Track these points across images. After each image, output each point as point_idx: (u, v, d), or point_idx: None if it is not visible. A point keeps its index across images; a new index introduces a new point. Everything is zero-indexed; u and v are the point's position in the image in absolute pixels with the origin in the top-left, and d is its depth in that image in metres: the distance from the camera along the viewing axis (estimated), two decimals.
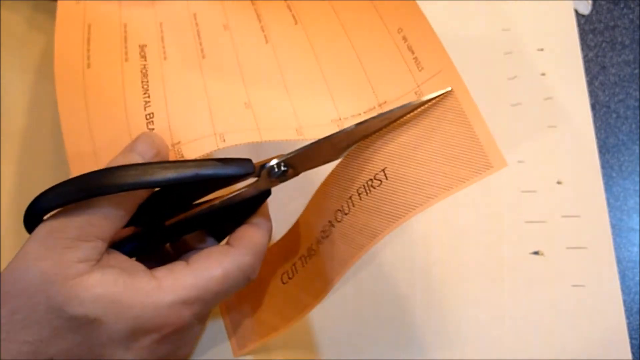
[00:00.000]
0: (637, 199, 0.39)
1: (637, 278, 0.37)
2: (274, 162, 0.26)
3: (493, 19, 0.44)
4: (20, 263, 0.22)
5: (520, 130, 0.40)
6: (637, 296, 0.37)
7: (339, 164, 0.30)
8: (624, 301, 0.36)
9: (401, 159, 0.27)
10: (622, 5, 0.44)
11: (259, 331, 0.33)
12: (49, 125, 0.40)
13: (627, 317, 0.36)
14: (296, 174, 0.27)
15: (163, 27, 0.33)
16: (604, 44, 0.43)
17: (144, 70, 0.31)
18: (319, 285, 0.30)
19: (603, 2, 0.44)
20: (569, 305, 0.36)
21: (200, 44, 0.32)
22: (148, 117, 0.29)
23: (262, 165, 0.26)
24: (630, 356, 0.35)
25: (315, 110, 0.30)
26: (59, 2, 0.33)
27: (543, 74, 0.42)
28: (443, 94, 0.27)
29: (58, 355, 0.22)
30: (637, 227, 0.38)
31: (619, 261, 0.37)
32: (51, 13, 0.41)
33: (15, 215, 0.38)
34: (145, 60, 0.32)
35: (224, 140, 0.27)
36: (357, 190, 0.29)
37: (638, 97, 0.42)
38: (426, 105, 0.27)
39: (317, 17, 0.33)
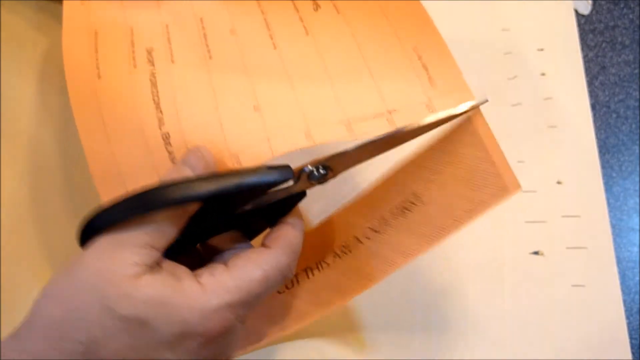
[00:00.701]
0: (637, 199, 0.39)
1: (637, 278, 0.37)
2: (311, 166, 0.27)
3: (493, 19, 0.44)
4: (78, 264, 0.23)
5: (520, 130, 0.40)
6: (637, 296, 0.37)
7: (372, 186, 0.31)
8: (624, 301, 0.36)
9: (429, 183, 0.29)
10: (622, 5, 0.44)
11: (248, 339, 0.33)
12: (49, 126, 0.40)
13: (627, 317, 0.36)
14: (334, 175, 0.28)
15: (169, 29, 0.33)
16: (604, 44, 0.43)
17: (152, 79, 0.31)
18: (325, 297, 0.31)
19: (603, 2, 0.44)
20: (569, 305, 0.36)
21: (207, 45, 0.33)
22: (165, 137, 0.29)
23: (301, 170, 0.27)
24: (630, 356, 0.35)
25: (324, 112, 0.30)
26: (64, 7, 0.33)
27: (543, 74, 0.42)
28: (463, 117, 0.28)
29: (108, 356, 0.22)
30: (637, 227, 0.38)
31: (619, 261, 0.37)
32: (52, 14, 0.41)
33: (15, 215, 0.38)
34: (153, 66, 0.31)
35: (239, 161, 0.28)
36: (390, 210, 0.30)
37: (638, 97, 0.42)
38: (448, 130, 0.29)
39: (329, 28, 0.33)
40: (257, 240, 0.29)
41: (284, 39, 0.33)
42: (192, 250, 0.29)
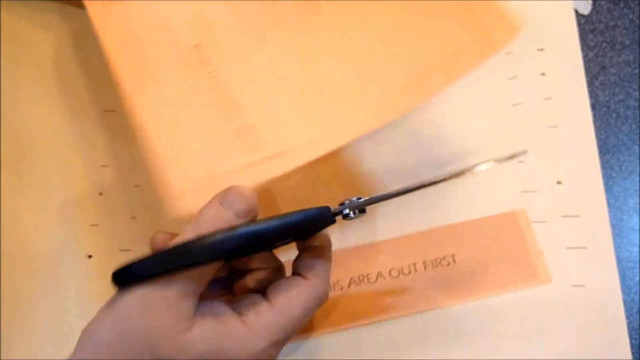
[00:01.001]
0: (637, 199, 0.39)
1: (637, 278, 0.37)
2: (349, 210, 0.27)
3: None
4: (123, 317, 0.24)
5: (520, 130, 0.40)
6: (637, 296, 0.37)
7: (407, 236, 0.36)
8: (624, 301, 0.36)
9: (470, 252, 0.35)
10: (622, 5, 0.44)
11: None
12: (49, 127, 0.40)
13: (627, 317, 0.36)
14: (362, 213, 0.28)
15: (207, 17, 0.32)
16: (604, 44, 0.43)
17: (211, 75, 0.31)
18: (337, 318, 0.34)
19: (603, 2, 0.44)
20: (569, 305, 0.36)
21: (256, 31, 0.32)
22: (237, 132, 0.30)
23: (340, 212, 0.27)
24: (630, 356, 0.35)
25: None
26: (90, 11, 0.32)
27: (543, 74, 0.42)
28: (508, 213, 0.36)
29: None
30: (637, 227, 0.38)
31: (619, 261, 0.37)
32: (52, 13, 0.41)
33: (15, 216, 0.38)
34: (207, 62, 0.31)
35: (320, 145, 0.29)
36: (424, 261, 0.35)
37: (638, 97, 0.42)
38: (494, 218, 0.36)
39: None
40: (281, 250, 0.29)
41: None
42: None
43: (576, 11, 0.44)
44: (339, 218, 0.27)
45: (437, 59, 0.31)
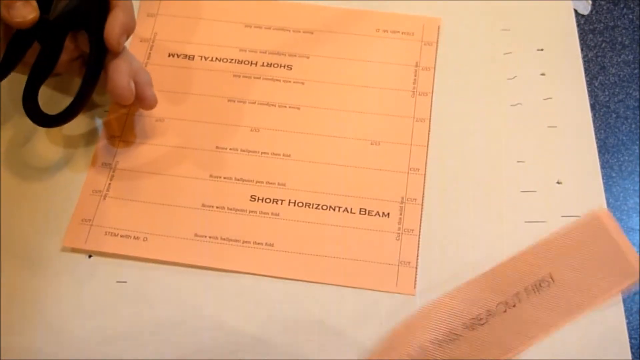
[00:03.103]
0: (637, 199, 0.39)
1: None
2: None
3: (493, 19, 0.44)
4: None
5: (520, 130, 0.40)
6: (637, 296, 0.37)
7: (499, 266, 0.36)
8: (624, 301, 0.36)
9: (565, 267, 0.35)
10: (622, 5, 0.44)
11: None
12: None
13: (627, 317, 0.36)
14: None
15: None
16: (603, 44, 0.43)
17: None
18: None
19: (603, 2, 0.44)
20: None
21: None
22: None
23: None
24: (630, 356, 0.35)
25: None
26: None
27: (543, 74, 0.42)
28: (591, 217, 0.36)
29: None
30: (637, 227, 0.38)
31: None
32: None
33: (15, 216, 0.38)
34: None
35: None
36: (525, 288, 0.35)
37: (638, 97, 0.42)
38: (577, 225, 0.36)
39: None
40: None
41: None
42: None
43: (576, 11, 0.44)
44: None
45: None
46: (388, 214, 0.38)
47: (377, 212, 0.38)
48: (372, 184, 0.38)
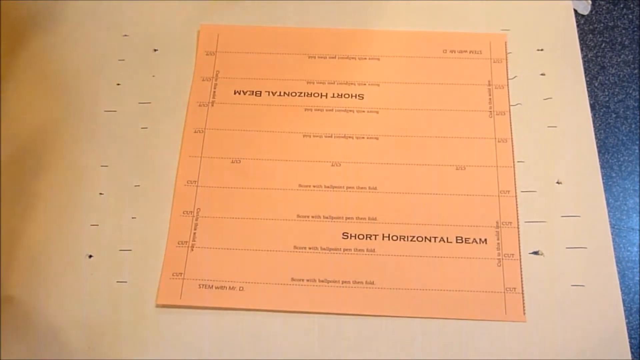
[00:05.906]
0: (637, 199, 0.39)
1: (637, 278, 0.37)
2: None
3: (493, 19, 0.44)
4: None
5: (520, 130, 0.40)
6: (637, 296, 0.37)
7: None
8: (624, 301, 0.36)
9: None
10: (621, 5, 0.44)
11: None
12: (49, 127, 0.40)
13: (627, 317, 0.36)
14: None
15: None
16: (603, 44, 0.44)
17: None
18: None
19: (603, 2, 0.44)
20: (569, 305, 0.36)
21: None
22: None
23: None
24: (630, 356, 0.35)
25: None
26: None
27: (543, 74, 0.42)
28: None
29: None
30: (637, 227, 0.39)
31: (619, 261, 0.37)
32: (51, 13, 0.41)
33: (15, 216, 0.38)
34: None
35: None
36: None
37: (638, 97, 0.42)
38: None
39: None
40: None
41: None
42: None
43: (576, 11, 0.44)
44: None
45: None
46: (485, 240, 0.37)
47: (474, 239, 0.37)
48: (464, 210, 0.38)
